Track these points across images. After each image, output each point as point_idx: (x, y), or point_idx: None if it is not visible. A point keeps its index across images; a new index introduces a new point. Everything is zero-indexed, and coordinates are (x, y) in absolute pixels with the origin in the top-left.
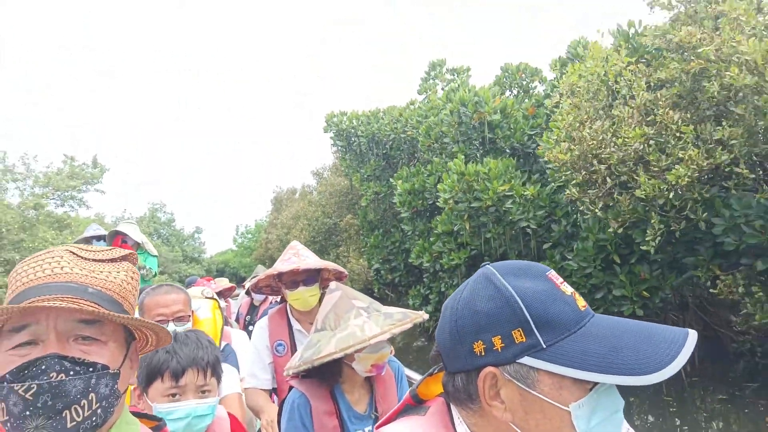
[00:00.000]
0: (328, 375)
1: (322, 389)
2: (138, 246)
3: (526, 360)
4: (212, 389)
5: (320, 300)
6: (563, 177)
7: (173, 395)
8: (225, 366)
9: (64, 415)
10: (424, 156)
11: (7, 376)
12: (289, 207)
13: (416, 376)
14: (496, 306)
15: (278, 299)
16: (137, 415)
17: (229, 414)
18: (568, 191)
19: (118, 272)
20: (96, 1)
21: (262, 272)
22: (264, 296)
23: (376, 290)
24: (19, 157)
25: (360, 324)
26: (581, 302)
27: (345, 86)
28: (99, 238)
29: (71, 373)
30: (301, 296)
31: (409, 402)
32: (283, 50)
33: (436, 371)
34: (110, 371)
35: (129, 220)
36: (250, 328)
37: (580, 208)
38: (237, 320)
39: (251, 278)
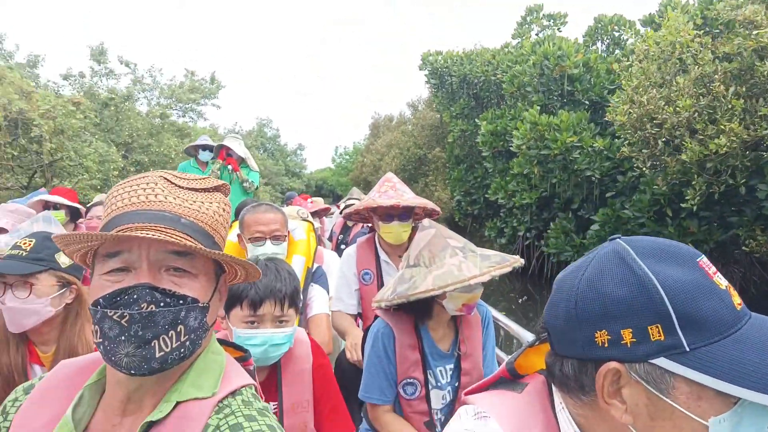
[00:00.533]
0: (417, 310)
1: (407, 323)
2: (241, 161)
3: (662, 362)
4: (290, 319)
5: (410, 236)
6: (622, 135)
7: (251, 323)
8: (315, 287)
9: (152, 345)
10: (508, 101)
11: (101, 300)
12: (385, 134)
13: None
14: (630, 293)
15: (369, 225)
16: (223, 343)
17: (310, 337)
18: (623, 149)
19: (211, 203)
20: None
21: (357, 194)
22: None
23: (457, 219)
24: (147, 69)
25: (456, 263)
26: (737, 299)
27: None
28: (206, 148)
29: (161, 304)
30: (394, 230)
31: (505, 375)
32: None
33: (537, 343)
34: (199, 304)
35: (235, 135)
36: (342, 247)
37: (634, 165)
38: (330, 239)
39: (346, 199)
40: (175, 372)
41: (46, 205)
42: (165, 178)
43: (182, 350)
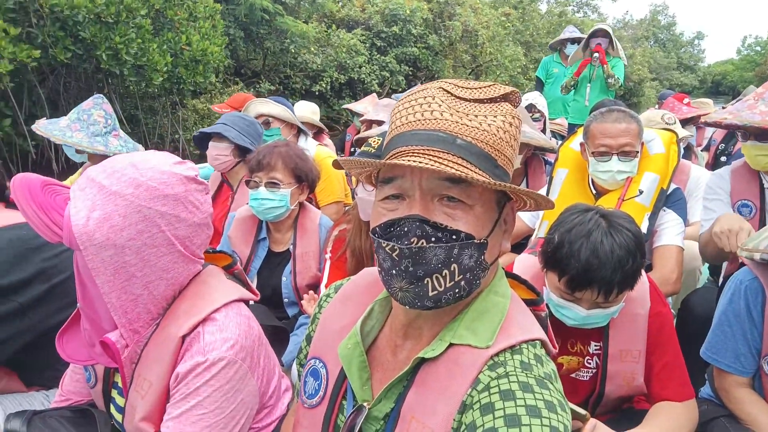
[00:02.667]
0: None
1: None
2: (609, 43)
3: None
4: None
5: None
6: None
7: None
8: (669, 213)
9: (425, 282)
10: None
11: (377, 229)
12: None
13: None
14: None
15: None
16: (515, 278)
17: (650, 280)
18: None
19: (495, 117)
20: None
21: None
22: None
23: None
24: None
25: None
26: None
27: None
28: (574, 41)
29: (432, 240)
30: None
31: None
32: None
33: None
34: (475, 241)
35: (600, 21)
36: (722, 159)
37: None
38: (707, 148)
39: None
40: (454, 308)
41: None
42: (444, 90)
43: (457, 290)
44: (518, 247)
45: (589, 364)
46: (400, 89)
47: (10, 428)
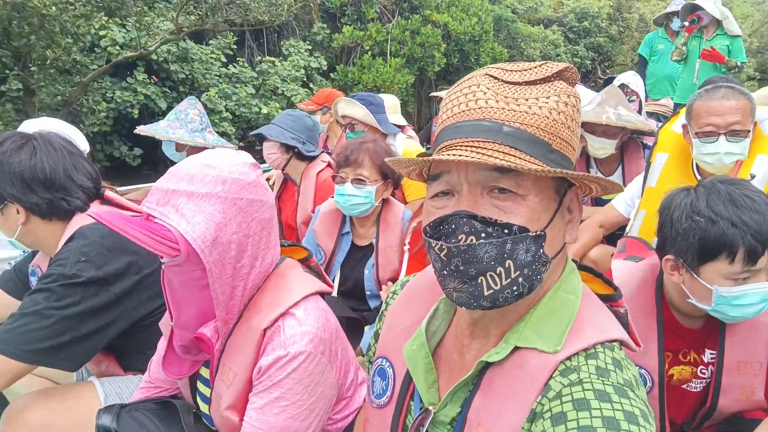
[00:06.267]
0: None
1: None
2: (717, 24)
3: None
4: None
5: None
6: None
7: (741, 279)
8: None
9: (479, 281)
10: None
11: (427, 228)
12: None
13: None
14: None
15: None
16: (584, 269)
17: None
18: None
19: (547, 98)
20: None
21: None
22: None
23: None
24: None
25: None
26: None
27: None
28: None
29: (482, 236)
30: None
31: None
32: None
33: None
34: (530, 234)
35: None
36: None
37: None
38: None
39: None
40: (519, 307)
41: None
42: (490, 75)
43: (515, 288)
44: (612, 239)
45: (703, 373)
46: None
47: (101, 423)
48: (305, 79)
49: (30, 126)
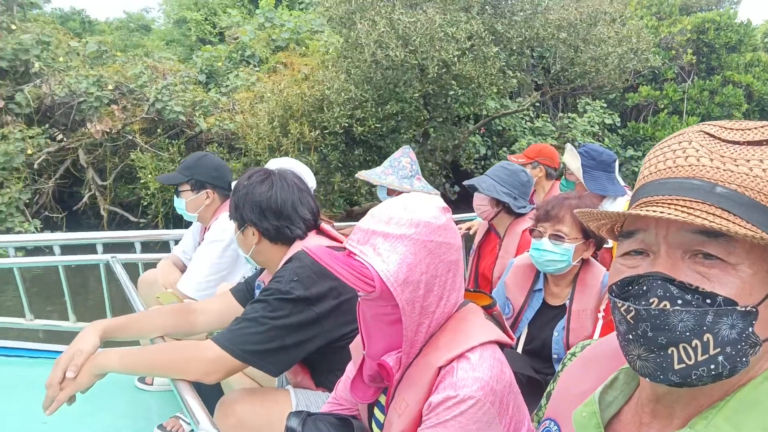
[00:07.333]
0: None
1: None
2: None
3: None
4: None
5: None
6: None
7: None
8: None
9: (669, 352)
10: None
11: (614, 287)
12: None
13: None
14: None
15: None
16: None
17: None
18: None
19: None
20: None
21: None
22: None
23: None
24: None
25: None
26: None
27: None
28: None
29: (678, 302)
30: None
31: None
32: None
33: None
34: (738, 308)
35: None
36: None
37: None
38: None
39: None
40: (713, 390)
41: None
42: (704, 132)
43: (713, 366)
44: None
45: None
46: None
47: (289, 425)
48: (600, 133)
49: (273, 164)
